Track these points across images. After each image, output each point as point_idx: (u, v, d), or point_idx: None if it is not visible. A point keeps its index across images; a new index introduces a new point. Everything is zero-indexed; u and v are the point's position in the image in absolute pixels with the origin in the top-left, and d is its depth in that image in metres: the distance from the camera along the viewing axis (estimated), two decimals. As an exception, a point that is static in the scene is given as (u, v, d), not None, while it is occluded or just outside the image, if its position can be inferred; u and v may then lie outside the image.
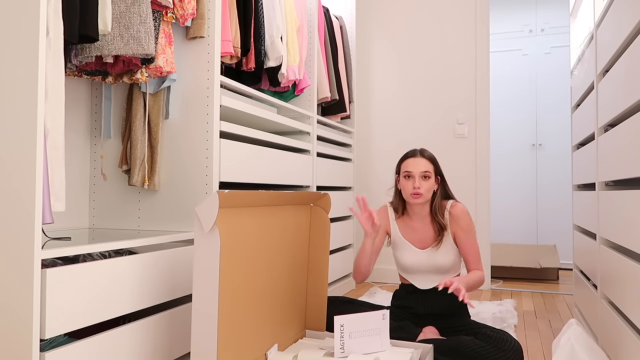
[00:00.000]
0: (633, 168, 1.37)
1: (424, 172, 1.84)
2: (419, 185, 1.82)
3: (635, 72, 1.35)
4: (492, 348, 1.57)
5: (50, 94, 1.23)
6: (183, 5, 1.68)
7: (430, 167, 1.85)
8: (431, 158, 1.88)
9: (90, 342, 1.25)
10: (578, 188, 2.42)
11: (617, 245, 1.69)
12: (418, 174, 1.83)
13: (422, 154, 1.87)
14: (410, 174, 1.85)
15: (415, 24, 3.49)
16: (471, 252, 1.86)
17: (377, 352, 1.52)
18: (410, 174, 1.84)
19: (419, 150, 1.90)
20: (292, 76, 2.35)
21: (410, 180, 1.85)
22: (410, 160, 1.87)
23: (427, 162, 1.86)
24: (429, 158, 1.87)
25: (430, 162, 1.87)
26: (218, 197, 1.20)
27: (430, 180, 1.85)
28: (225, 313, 1.28)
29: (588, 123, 2.06)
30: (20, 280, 1.12)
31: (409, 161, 1.87)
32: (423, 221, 1.91)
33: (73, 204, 1.83)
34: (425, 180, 1.84)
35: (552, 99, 4.30)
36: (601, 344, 1.80)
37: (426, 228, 1.90)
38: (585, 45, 2.17)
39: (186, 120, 1.78)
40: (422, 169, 1.84)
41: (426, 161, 1.86)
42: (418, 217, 1.91)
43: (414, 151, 1.89)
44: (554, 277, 3.52)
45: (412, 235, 1.92)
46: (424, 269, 1.88)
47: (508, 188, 4.40)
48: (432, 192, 1.87)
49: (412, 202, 1.86)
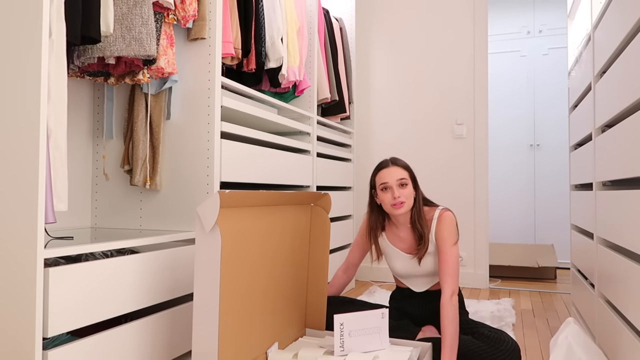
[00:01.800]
0: (630, 168, 1.38)
1: (400, 179, 1.78)
2: (399, 194, 1.76)
3: (632, 73, 1.36)
4: (490, 348, 1.59)
5: (52, 94, 1.24)
6: (184, 6, 1.69)
7: (405, 174, 1.80)
8: (404, 165, 1.83)
9: (92, 340, 1.26)
10: (575, 188, 2.44)
11: (614, 245, 1.71)
12: (395, 183, 1.77)
13: (395, 163, 1.82)
14: (386, 185, 1.78)
15: (414, 25, 3.50)
16: (447, 265, 1.71)
17: (377, 350, 1.54)
18: (387, 184, 1.78)
19: (389, 159, 1.84)
20: (293, 77, 2.36)
21: (388, 191, 1.78)
22: (383, 171, 1.81)
23: (401, 169, 1.80)
24: (402, 166, 1.82)
25: (404, 169, 1.81)
26: (219, 197, 1.22)
27: (408, 186, 1.79)
28: (226, 312, 1.29)
29: (585, 124, 2.07)
30: (23, 279, 1.14)
31: (382, 172, 1.81)
32: (409, 231, 1.86)
33: (75, 204, 1.84)
34: (403, 187, 1.78)
35: (550, 100, 4.32)
36: (598, 342, 1.81)
37: (412, 237, 1.86)
38: (583, 47, 2.18)
39: (187, 120, 1.79)
40: (398, 176, 1.78)
41: (400, 169, 1.80)
42: (404, 227, 1.86)
43: (386, 162, 1.83)
44: (552, 276, 3.54)
45: (399, 243, 1.88)
46: (417, 274, 1.87)
47: (506, 188, 4.42)
48: (412, 198, 1.81)
49: (396, 213, 1.79)
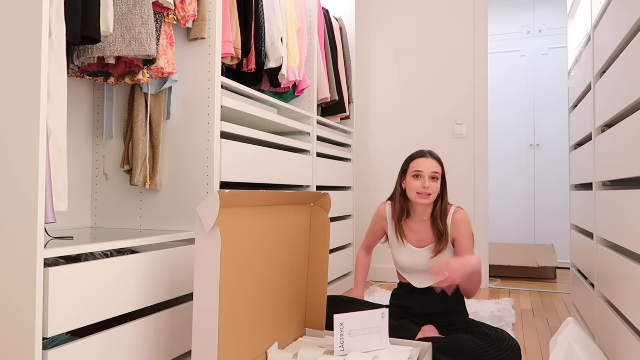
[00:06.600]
0: (630, 168, 1.38)
1: (434, 172, 1.83)
2: (429, 185, 1.81)
3: (632, 73, 1.36)
4: (491, 347, 1.59)
5: (53, 94, 1.24)
6: (184, 7, 1.69)
7: (439, 169, 1.85)
8: (440, 161, 1.88)
9: (92, 340, 1.26)
10: (575, 188, 2.44)
11: (614, 245, 1.71)
12: (428, 174, 1.82)
13: (432, 155, 1.87)
14: (420, 174, 1.83)
15: (414, 25, 3.51)
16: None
17: (377, 350, 1.54)
18: (421, 173, 1.83)
19: (428, 151, 1.89)
20: (293, 77, 2.36)
21: (419, 179, 1.83)
22: (420, 160, 1.85)
23: (437, 164, 1.86)
24: (438, 160, 1.87)
25: (440, 164, 1.87)
26: (219, 197, 1.22)
27: (438, 182, 1.84)
28: (226, 312, 1.29)
29: (585, 124, 2.07)
30: (23, 279, 1.14)
31: (419, 161, 1.85)
32: (424, 223, 1.91)
33: (75, 204, 1.84)
34: (434, 181, 1.83)
35: (550, 100, 4.32)
36: (598, 342, 1.81)
37: (426, 231, 1.90)
38: (583, 47, 2.18)
39: (187, 120, 1.79)
40: (433, 169, 1.83)
41: (436, 163, 1.85)
42: (419, 219, 1.90)
43: (424, 152, 1.88)
44: (552, 276, 3.54)
45: (410, 235, 1.92)
46: (422, 269, 1.89)
47: (506, 188, 4.42)
48: (437, 194, 1.86)
49: (418, 201, 1.84)
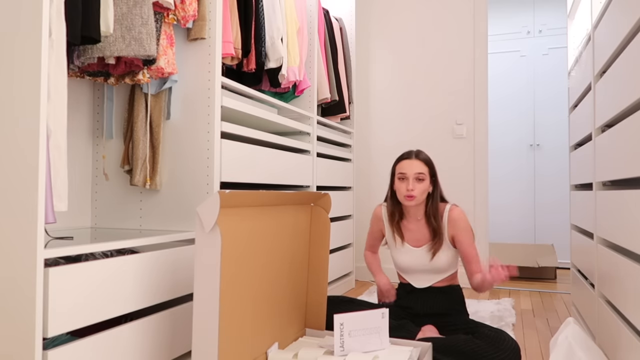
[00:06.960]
0: (630, 168, 1.38)
1: (418, 173, 1.82)
2: (413, 187, 1.80)
3: (632, 73, 1.36)
4: (490, 347, 1.59)
5: (52, 94, 1.24)
6: (184, 7, 1.69)
7: (424, 169, 1.83)
8: (426, 160, 1.86)
9: (92, 340, 1.26)
10: (575, 188, 2.44)
11: (614, 245, 1.71)
12: (412, 175, 1.82)
13: (417, 156, 1.85)
14: (404, 176, 1.83)
15: (414, 25, 3.51)
16: (473, 256, 1.86)
17: (377, 350, 1.54)
18: (405, 175, 1.83)
19: (414, 151, 1.88)
20: (293, 77, 2.36)
21: (404, 182, 1.83)
22: (405, 162, 1.85)
23: (422, 164, 1.84)
24: (423, 160, 1.85)
25: (425, 164, 1.85)
26: (219, 197, 1.22)
27: (424, 182, 1.83)
28: (226, 312, 1.29)
29: (585, 124, 2.07)
30: (23, 279, 1.14)
31: (403, 163, 1.85)
32: (418, 223, 1.91)
33: (75, 204, 1.84)
34: (419, 182, 1.82)
35: (550, 100, 4.32)
36: (598, 342, 1.81)
37: (422, 229, 1.90)
38: (583, 47, 2.18)
39: (187, 120, 1.79)
40: (417, 170, 1.82)
41: (421, 163, 1.84)
42: (413, 219, 1.91)
43: (409, 153, 1.88)
44: (552, 276, 3.54)
45: (407, 235, 1.92)
46: (421, 268, 1.89)
47: (506, 188, 4.42)
48: (426, 194, 1.85)
49: (406, 204, 1.84)
